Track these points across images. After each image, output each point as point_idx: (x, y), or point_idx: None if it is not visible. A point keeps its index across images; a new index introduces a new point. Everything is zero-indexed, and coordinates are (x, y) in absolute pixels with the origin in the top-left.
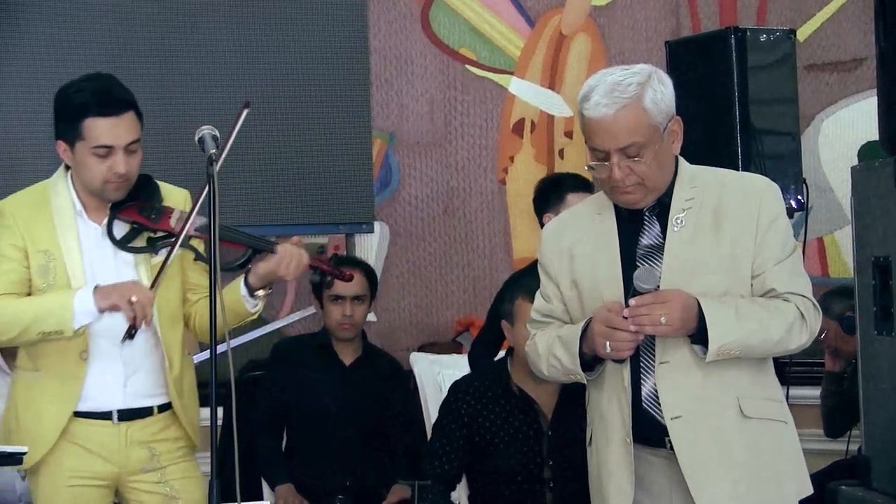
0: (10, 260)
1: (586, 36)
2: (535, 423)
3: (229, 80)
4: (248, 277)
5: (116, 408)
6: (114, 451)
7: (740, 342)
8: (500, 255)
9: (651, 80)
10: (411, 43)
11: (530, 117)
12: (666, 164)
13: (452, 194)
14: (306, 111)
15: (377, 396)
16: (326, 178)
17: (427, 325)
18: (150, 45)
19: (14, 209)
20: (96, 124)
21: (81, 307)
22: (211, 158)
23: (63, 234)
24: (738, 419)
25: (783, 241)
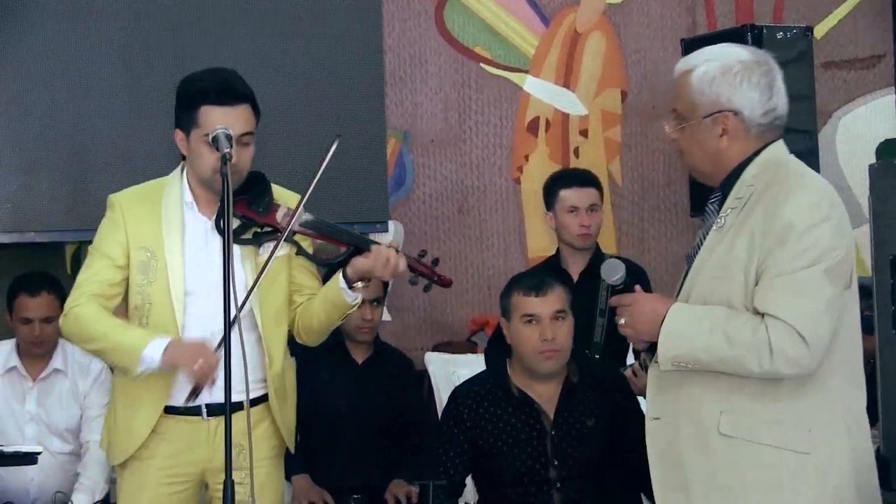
0: (104, 258)
1: (601, 34)
2: (538, 423)
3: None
4: (345, 270)
5: (206, 402)
6: (202, 447)
7: (690, 356)
8: (515, 254)
9: (720, 63)
10: (426, 41)
11: (545, 116)
12: (705, 150)
13: (467, 193)
14: (320, 110)
15: (389, 395)
16: (340, 177)
17: (441, 324)
18: (162, 42)
19: (124, 203)
20: (211, 112)
21: (149, 356)
22: (225, 157)
23: (168, 234)
24: (713, 435)
25: (794, 255)
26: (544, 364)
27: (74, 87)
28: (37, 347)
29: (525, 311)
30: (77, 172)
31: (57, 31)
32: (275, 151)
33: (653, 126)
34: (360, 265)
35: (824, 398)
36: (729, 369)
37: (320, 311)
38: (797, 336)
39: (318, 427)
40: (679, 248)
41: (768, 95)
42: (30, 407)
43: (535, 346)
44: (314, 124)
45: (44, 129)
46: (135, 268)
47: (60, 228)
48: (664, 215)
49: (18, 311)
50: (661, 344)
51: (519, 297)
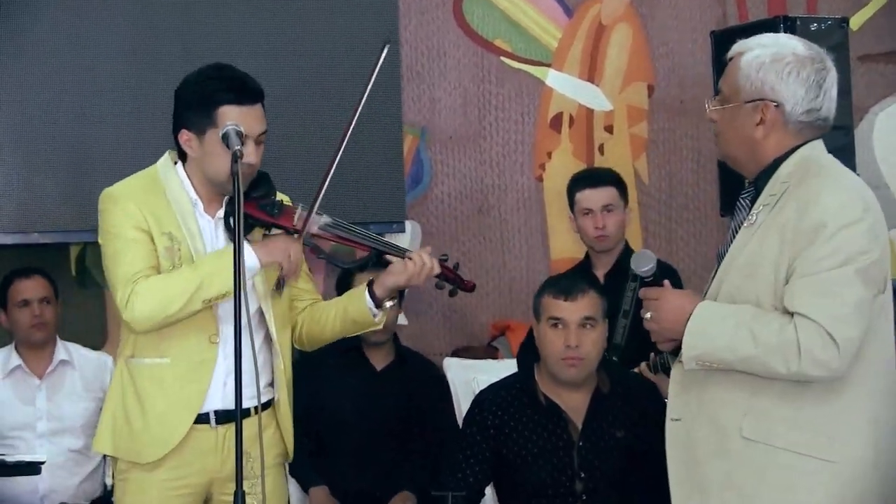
0: (138, 243)
1: (627, 26)
2: (565, 433)
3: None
4: (373, 288)
5: (214, 408)
6: (211, 457)
7: (714, 355)
8: (537, 255)
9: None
10: (444, 34)
11: (568, 111)
12: (740, 136)
13: (487, 192)
14: (334, 105)
15: (411, 402)
16: (355, 175)
17: (461, 328)
18: (170, 38)
19: (130, 194)
20: (231, 112)
21: (248, 262)
22: (236, 155)
23: (184, 218)
24: (734, 437)
25: (824, 254)
26: (566, 371)
27: (80, 83)
28: (38, 331)
29: (552, 314)
30: (82, 171)
31: (62, 26)
32: (287, 148)
33: (681, 122)
34: (392, 281)
35: (850, 405)
36: (753, 370)
37: (335, 324)
38: (827, 337)
39: (334, 436)
40: (708, 249)
41: (815, 94)
42: (40, 405)
43: (559, 351)
44: (327, 120)
45: (48, 126)
46: (161, 254)
47: (65, 229)
48: (693, 215)
49: (15, 296)
50: (685, 342)
51: (548, 299)
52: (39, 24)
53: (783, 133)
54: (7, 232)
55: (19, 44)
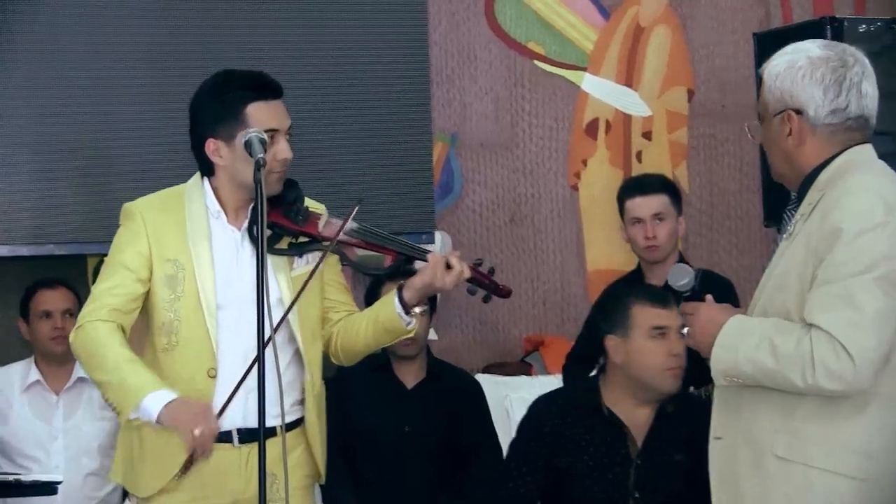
0: (124, 270)
1: (666, 28)
2: (624, 448)
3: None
4: (402, 293)
5: (237, 426)
6: (234, 477)
7: (737, 370)
8: (573, 266)
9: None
10: (475, 36)
11: (605, 117)
12: (778, 151)
13: (520, 201)
14: (361, 110)
15: (446, 420)
16: (383, 184)
17: (493, 343)
18: (190, 41)
19: (144, 211)
20: (259, 109)
21: (148, 407)
22: (258, 163)
23: (195, 244)
24: (768, 456)
25: (842, 261)
26: (671, 383)
27: (97, 90)
28: (59, 344)
29: (655, 324)
30: (99, 180)
31: (77, 30)
32: (313, 155)
33: (722, 127)
34: (419, 283)
35: (881, 420)
36: (776, 384)
37: (368, 335)
38: (840, 348)
39: (363, 457)
40: (751, 260)
41: (835, 93)
42: (56, 423)
43: (663, 361)
44: (353, 126)
45: (63, 133)
46: (160, 282)
47: (81, 240)
48: (735, 224)
49: (37, 306)
50: (713, 356)
51: (644, 308)
52: (57, 30)
53: (816, 140)
54: (22, 243)
55: (36, 50)
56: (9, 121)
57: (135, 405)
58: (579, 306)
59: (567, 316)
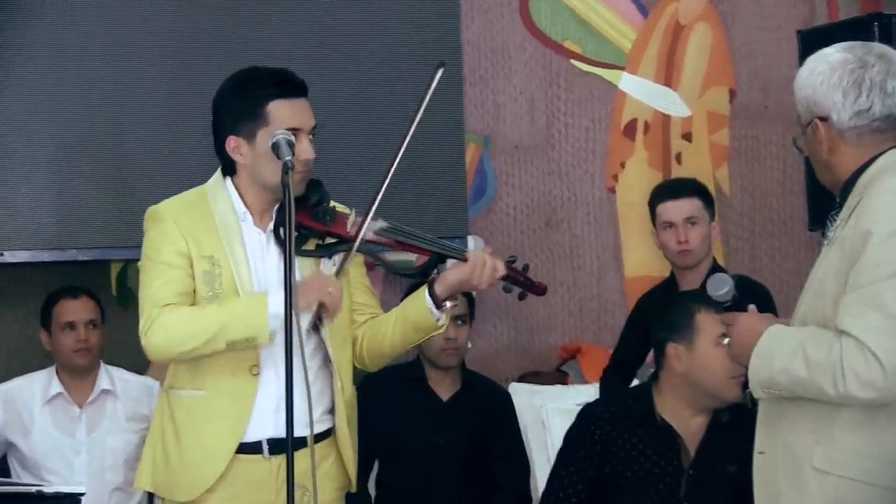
0: (172, 268)
1: (707, 25)
2: (676, 458)
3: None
4: (433, 287)
5: (267, 436)
6: (264, 490)
7: (772, 381)
8: (610, 272)
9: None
10: (509, 35)
11: (643, 117)
12: (817, 160)
13: (555, 204)
14: (391, 112)
15: (481, 434)
16: (414, 187)
17: (528, 352)
18: (219, 42)
19: (173, 213)
20: (282, 106)
21: (276, 308)
22: (286, 166)
23: (228, 240)
24: (807, 469)
25: (872, 265)
26: (735, 391)
27: (119, 92)
28: (83, 356)
29: (723, 331)
30: (123, 184)
31: (99, 32)
32: (341, 157)
33: (765, 128)
34: (453, 277)
35: None
36: (810, 394)
37: (395, 334)
38: (870, 355)
39: (398, 473)
40: (795, 266)
41: (855, 95)
42: (80, 437)
43: (730, 370)
44: (383, 127)
45: (85, 135)
46: (198, 279)
47: (105, 245)
48: (778, 229)
49: (60, 316)
50: (750, 367)
51: (710, 315)
52: (78, 32)
53: (847, 145)
54: (44, 248)
55: (57, 52)
56: (29, 123)
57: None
58: (617, 313)
59: (604, 323)
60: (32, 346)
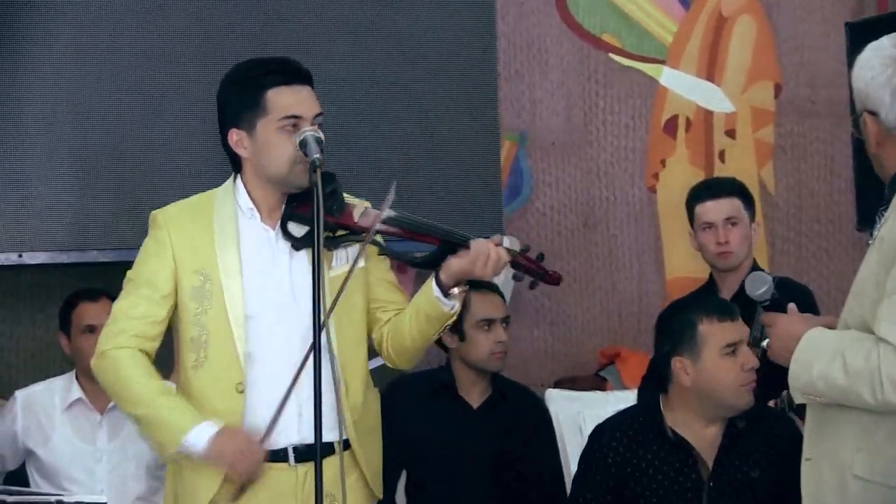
0: (145, 286)
1: (750, 18)
2: (694, 472)
3: (335, 73)
4: (439, 275)
5: (292, 443)
6: (288, 500)
7: (812, 387)
8: (650, 274)
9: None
10: (545, 28)
11: (685, 114)
12: (871, 153)
13: (593, 204)
14: (423, 108)
15: (514, 443)
16: (447, 186)
17: (565, 356)
18: (246, 36)
19: (170, 221)
20: (281, 94)
21: (192, 443)
22: (314, 164)
23: (222, 252)
24: (849, 477)
25: None
26: (747, 398)
27: (140, 88)
28: None
29: (728, 341)
30: (144, 182)
31: (120, 33)
32: (372, 155)
33: (812, 125)
34: (456, 266)
35: None
36: (849, 401)
37: (413, 327)
38: None
39: (427, 484)
40: (842, 267)
41: None
42: (101, 444)
43: (739, 378)
44: (415, 125)
45: (106, 133)
46: (187, 295)
47: (125, 246)
48: (826, 229)
49: (79, 320)
50: (790, 372)
51: (712, 325)
52: (98, 33)
53: (895, 142)
54: (62, 249)
55: (77, 53)
56: (49, 122)
57: (177, 443)
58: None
59: (644, 327)
60: (51, 351)
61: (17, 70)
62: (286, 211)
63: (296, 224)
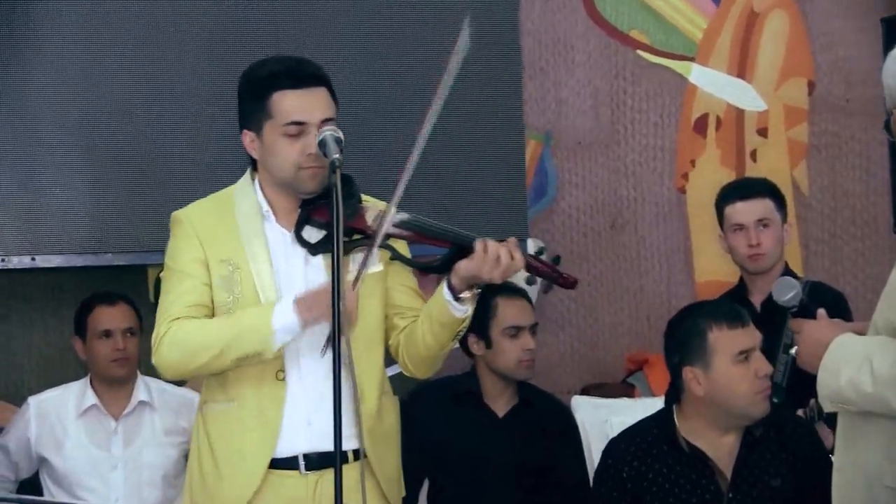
0: (188, 277)
1: (783, 13)
2: (712, 484)
3: (353, 72)
4: (450, 279)
5: (302, 451)
6: None
7: (839, 395)
8: (680, 277)
9: None
10: (571, 24)
11: (715, 112)
12: None
13: (621, 205)
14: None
15: (539, 452)
16: (471, 187)
17: (592, 362)
18: (260, 35)
19: (192, 217)
20: (285, 98)
21: (283, 321)
22: (334, 164)
23: (249, 241)
24: (878, 488)
25: None
26: (761, 406)
27: (155, 89)
28: (120, 367)
29: (740, 348)
30: (160, 184)
31: (132, 31)
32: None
33: (846, 123)
34: (465, 269)
35: None
36: (878, 409)
37: (426, 334)
38: None
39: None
40: (878, 270)
41: None
42: (115, 451)
43: (753, 386)
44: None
45: (120, 134)
46: (216, 286)
47: (142, 249)
48: (861, 231)
49: (96, 324)
50: (818, 381)
51: (723, 332)
52: (110, 37)
53: None
54: (78, 252)
55: (89, 55)
56: (62, 123)
57: (270, 332)
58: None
59: None
60: (66, 356)
61: (30, 72)
62: (301, 216)
63: (311, 229)
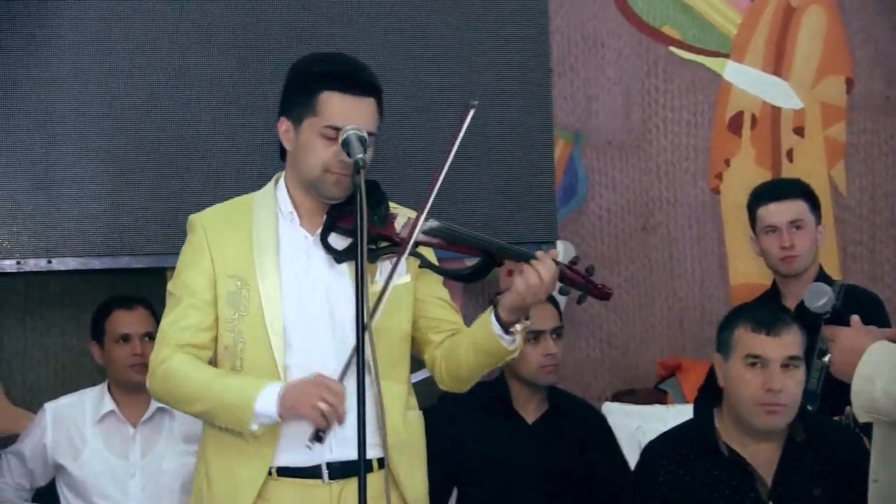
0: (189, 296)
1: (820, 8)
2: (752, 491)
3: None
4: (497, 311)
5: (325, 460)
6: None
7: (873, 404)
8: (713, 280)
9: None
10: (602, 21)
11: (750, 110)
12: None
13: (653, 206)
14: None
15: (572, 459)
16: (499, 187)
17: (623, 368)
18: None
19: (207, 224)
20: (333, 99)
21: (263, 408)
22: (358, 165)
23: (260, 254)
24: None
25: None
26: (764, 420)
27: (174, 87)
28: (138, 372)
29: (751, 351)
30: (179, 185)
31: (154, 31)
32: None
33: (886, 122)
34: (508, 303)
35: None
36: None
37: (470, 361)
38: None
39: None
40: None
41: None
42: (133, 459)
43: (757, 395)
44: None
45: (138, 135)
46: (223, 300)
47: (160, 252)
48: None
49: (113, 329)
50: (852, 390)
51: (745, 332)
52: (128, 38)
53: None
54: (95, 255)
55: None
56: (79, 124)
57: (250, 416)
58: None
59: (707, 337)
60: (83, 361)
61: (47, 72)
62: (327, 222)
63: (337, 236)
